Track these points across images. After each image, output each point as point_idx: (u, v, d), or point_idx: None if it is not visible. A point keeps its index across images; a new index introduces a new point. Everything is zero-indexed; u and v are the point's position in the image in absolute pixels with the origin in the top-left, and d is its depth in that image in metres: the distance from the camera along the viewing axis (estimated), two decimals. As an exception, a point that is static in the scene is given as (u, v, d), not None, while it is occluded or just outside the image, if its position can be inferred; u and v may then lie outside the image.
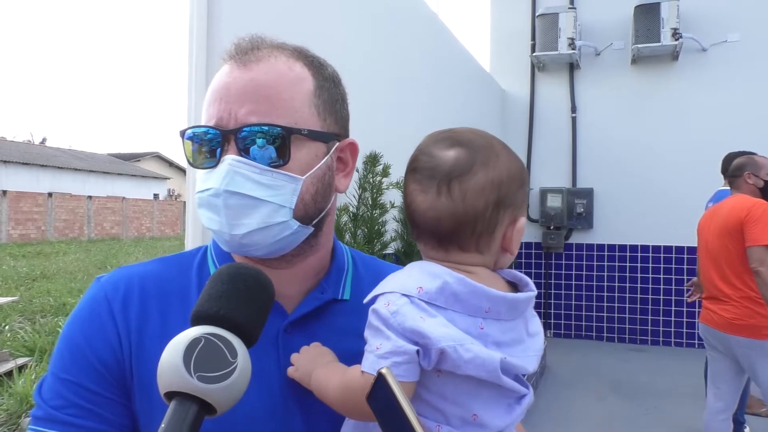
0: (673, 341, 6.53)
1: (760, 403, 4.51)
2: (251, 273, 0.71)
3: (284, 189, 0.83)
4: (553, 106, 7.05)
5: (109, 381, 0.82)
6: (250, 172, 0.81)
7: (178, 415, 0.58)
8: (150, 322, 0.85)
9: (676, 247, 6.49)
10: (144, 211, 28.40)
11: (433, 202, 0.82)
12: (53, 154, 30.24)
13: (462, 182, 0.81)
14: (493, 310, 0.80)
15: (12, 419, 4.08)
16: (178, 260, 0.96)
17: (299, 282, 0.91)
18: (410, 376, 0.76)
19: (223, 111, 0.82)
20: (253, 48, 0.85)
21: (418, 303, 0.77)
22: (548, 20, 6.71)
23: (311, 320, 0.89)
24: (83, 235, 24.17)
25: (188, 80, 1.90)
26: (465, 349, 0.75)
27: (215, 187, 0.81)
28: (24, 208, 21.57)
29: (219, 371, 0.60)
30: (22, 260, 14.47)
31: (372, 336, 0.78)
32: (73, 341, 0.84)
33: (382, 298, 0.79)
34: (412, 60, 4.09)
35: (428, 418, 0.79)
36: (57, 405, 0.80)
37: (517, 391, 0.83)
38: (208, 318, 0.65)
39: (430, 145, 0.86)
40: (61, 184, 27.03)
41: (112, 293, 0.87)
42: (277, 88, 0.84)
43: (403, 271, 0.84)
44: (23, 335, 6.28)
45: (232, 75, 0.83)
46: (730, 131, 6.10)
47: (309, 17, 2.51)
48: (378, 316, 0.78)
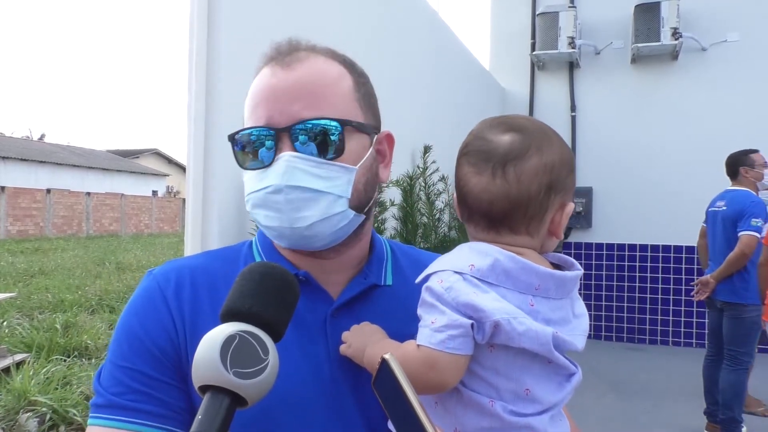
0: (671, 340, 6.53)
1: (757, 402, 4.53)
2: (280, 272, 0.73)
3: (340, 180, 0.86)
4: (552, 105, 7.05)
5: (166, 365, 0.84)
6: (308, 166, 0.84)
7: (213, 407, 0.61)
8: (202, 310, 0.88)
9: (675, 247, 6.50)
10: (143, 207, 28.39)
11: (488, 184, 0.84)
12: (52, 150, 30.21)
13: (517, 165, 0.83)
14: (542, 287, 0.82)
15: (10, 415, 4.07)
16: (225, 253, 0.99)
17: (344, 270, 0.95)
18: (465, 349, 0.78)
19: (273, 110, 0.85)
20: (291, 50, 0.89)
21: (471, 279, 0.79)
22: (548, 19, 6.71)
23: (356, 304, 0.92)
24: (82, 232, 24.15)
25: (188, 77, 1.89)
26: (518, 322, 0.78)
27: (275, 183, 0.83)
28: (22, 204, 21.56)
29: (253, 367, 0.63)
30: (21, 256, 14.45)
31: (426, 312, 0.80)
32: (130, 330, 0.87)
33: (434, 277, 0.81)
34: (412, 58, 4.09)
35: (481, 393, 0.81)
36: (117, 392, 0.82)
37: (567, 368, 0.86)
38: (240, 315, 0.67)
39: (485, 130, 0.88)
40: (60, 180, 27.00)
41: (164, 282, 0.90)
42: (323, 84, 0.87)
43: (453, 252, 0.86)
44: (21, 331, 6.28)
45: (277, 76, 0.86)
46: (730, 131, 6.10)
47: (310, 16, 2.51)
48: (432, 293, 0.80)
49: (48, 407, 4.13)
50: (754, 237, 3.83)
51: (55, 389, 4.43)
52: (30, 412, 4.09)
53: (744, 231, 3.85)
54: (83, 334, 6.12)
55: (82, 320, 6.85)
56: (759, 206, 3.90)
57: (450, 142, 4.75)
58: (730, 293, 3.95)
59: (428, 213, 3.76)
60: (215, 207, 1.85)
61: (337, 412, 0.85)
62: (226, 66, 1.89)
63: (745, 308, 3.88)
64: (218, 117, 1.86)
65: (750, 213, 3.86)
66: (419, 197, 3.67)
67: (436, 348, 0.77)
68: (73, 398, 4.32)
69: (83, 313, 7.37)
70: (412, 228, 3.55)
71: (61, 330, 6.30)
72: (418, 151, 3.86)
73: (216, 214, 1.85)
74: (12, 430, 3.96)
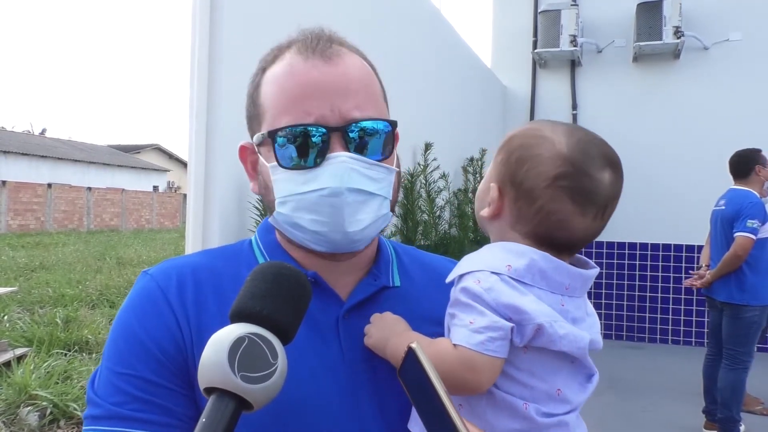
0: (670, 339, 6.54)
1: (756, 401, 4.53)
2: (293, 274, 0.70)
3: (386, 181, 0.85)
4: (554, 103, 7.04)
5: (171, 370, 0.79)
6: (363, 168, 0.82)
7: (218, 410, 0.60)
8: (208, 311, 0.83)
9: (675, 245, 6.50)
10: (143, 203, 28.38)
11: (590, 225, 0.85)
12: (53, 145, 30.20)
13: (613, 206, 0.86)
14: (572, 286, 0.83)
15: (11, 409, 4.09)
16: (223, 252, 0.95)
17: (355, 271, 0.92)
18: (503, 352, 0.77)
19: (323, 108, 0.81)
20: (328, 42, 0.85)
21: (508, 281, 0.79)
22: (550, 17, 6.70)
23: (367, 306, 0.90)
24: (82, 227, 24.16)
25: (190, 72, 1.89)
26: (559, 325, 0.78)
27: (332, 185, 0.80)
28: (23, 198, 21.56)
29: (261, 372, 0.61)
30: (21, 251, 14.46)
31: (462, 312, 0.79)
32: (131, 333, 0.81)
33: (469, 277, 0.80)
34: (414, 56, 4.09)
35: (515, 396, 0.81)
36: (117, 401, 0.77)
37: (590, 368, 0.86)
38: (250, 316, 0.65)
39: (588, 163, 0.84)
40: (61, 175, 27.01)
41: (164, 282, 0.85)
42: (366, 83, 0.86)
43: (485, 252, 0.85)
44: (22, 326, 6.30)
45: (319, 69, 0.82)
46: (731, 130, 6.09)
47: (312, 12, 2.51)
48: (469, 293, 0.78)
49: (48, 401, 4.15)
50: (749, 239, 3.81)
51: (55, 383, 4.45)
52: (31, 406, 4.10)
53: (739, 232, 3.84)
54: (84, 329, 6.14)
55: (83, 315, 6.86)
56: (757, 207, 3.88)
57: (451, 139, 4.77)
58: (726, 294, 3.95)
59: (429, 210, 3.76)
60: (216, 202, 1.86)
61: (356, 414, 0.83)
62: (228, 62, 1.89)
63: (743, 308, 3.88)
64: (220, 113, 1.86)
65: (747, 214, 3.84)
66: (420, 194, 3.68)
67: (474, 349, 0.76)
68: (74, 392, 4.34)
69: (84, 308, 7.39)
70: (412, 225, 3.55)
71: (61, 324, 6.31)
72: (419, 148, 3.86)
73: (217, 209, 1.86)
74: (13, 423, 3.98)
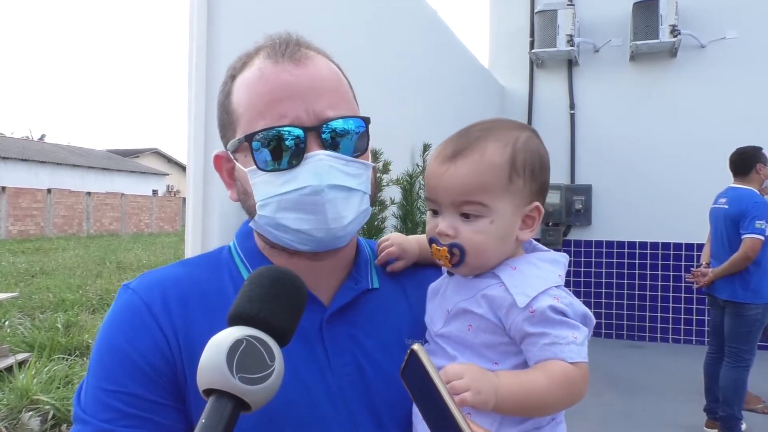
0: (671, 338, 6.54)
1: (757, 399, 4.53)
2: (290, 277, 0.72)
3: (364, 176, 0.87)
4: (551, 103, 7.05)
5: (160, 385, 0.79)
6: (341, 165, 0.83)
7: (217, 411, 0.61)
8: (195, 324, 0.82)
9: (674, 244, 6.50)
10: (143, 207, 28.37)
11: None
12: (52, 150, 30.19)
13: None
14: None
15: (13, 414, 4.09)
16: (203, 261, 0.94)
17: (335, 273, 0.92)
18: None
19: (298, 109, 0.82)
20: (296, 46, 0.86)
21: (567, 290, 0.86)
22: (547, 17, 6.71)
23: (350, 310, 0.90)
24: (82, 231, 24.15)
25: (188, 76, 1.90)
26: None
27: (312, 184, 0.81)
28: (23, 204, 21.55)
29: (259, 373, 0.63)
30: (21, 256, 14.45)
31: (558, 329, 0.81)
32: (117, 349, 0.80)
33: (546, 297, 0.82)
34: (412, 56, 4.09)
35: None
36: (107, 418, 0.76)
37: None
38: (248, 319, 0.66)
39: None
40: (60, 180, 26.99)
41: (148, 297, 0.84)
42: (336, 82, 0.87)
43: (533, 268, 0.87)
44: (23, 331, 6.29)
45: (290, 72, 0.83)
46: (729, 128, 6.09)
47: (310, 15, 2.52)
48: (557, 311, 0.81)
49: (50, 406, 4.15)
50: (758, 240, 3.77)
51: (57, 388, 4.44)
52: (32, 410, 4.10)
53: (748, 234, 3.80)
54: (84, 333, 6.14)
55: (84, 319, 6.86)
56: (762, 207, 3.85)
57: (449, 140, 4.77)
58: (730, 292, 3.94)
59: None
60: (216, 205, 1.86)
61: (346, 417, 0.83)
62: (225, 65, 1.89)
63: (746, 306, 3.87)
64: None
65: (753, 215, 3.80)
66: (419, 195, 3.68)
67: (586, 361, 0.81)
68: (75, 397, 4.34)
69: (84, 313, 7.39)
70: (411, 226, 3.56)
71: (62, 329, 6.31)
72: (417, 149, 3.87)
73: (217, 212, 1.86)
74: (15, 428, 3.98)
